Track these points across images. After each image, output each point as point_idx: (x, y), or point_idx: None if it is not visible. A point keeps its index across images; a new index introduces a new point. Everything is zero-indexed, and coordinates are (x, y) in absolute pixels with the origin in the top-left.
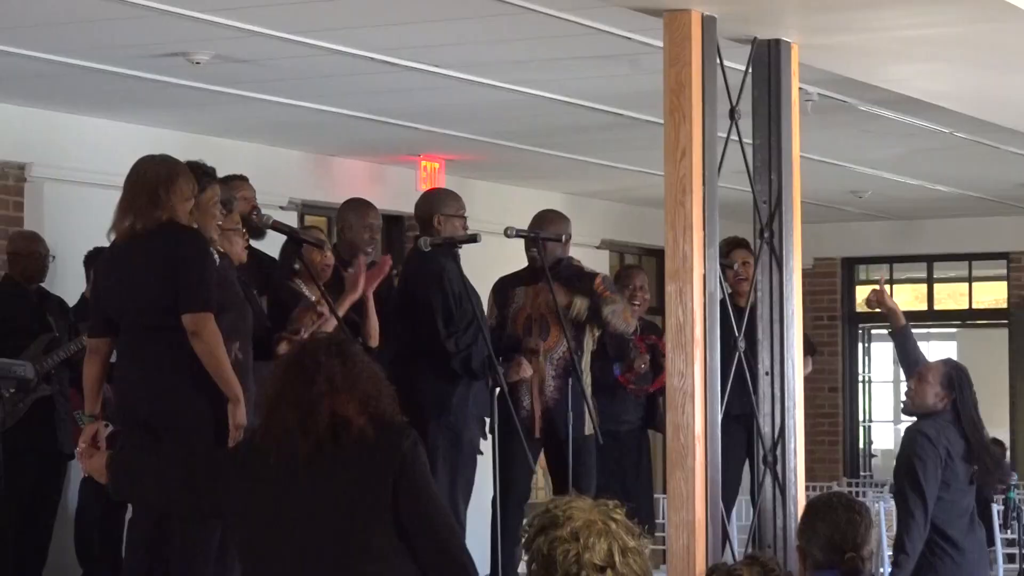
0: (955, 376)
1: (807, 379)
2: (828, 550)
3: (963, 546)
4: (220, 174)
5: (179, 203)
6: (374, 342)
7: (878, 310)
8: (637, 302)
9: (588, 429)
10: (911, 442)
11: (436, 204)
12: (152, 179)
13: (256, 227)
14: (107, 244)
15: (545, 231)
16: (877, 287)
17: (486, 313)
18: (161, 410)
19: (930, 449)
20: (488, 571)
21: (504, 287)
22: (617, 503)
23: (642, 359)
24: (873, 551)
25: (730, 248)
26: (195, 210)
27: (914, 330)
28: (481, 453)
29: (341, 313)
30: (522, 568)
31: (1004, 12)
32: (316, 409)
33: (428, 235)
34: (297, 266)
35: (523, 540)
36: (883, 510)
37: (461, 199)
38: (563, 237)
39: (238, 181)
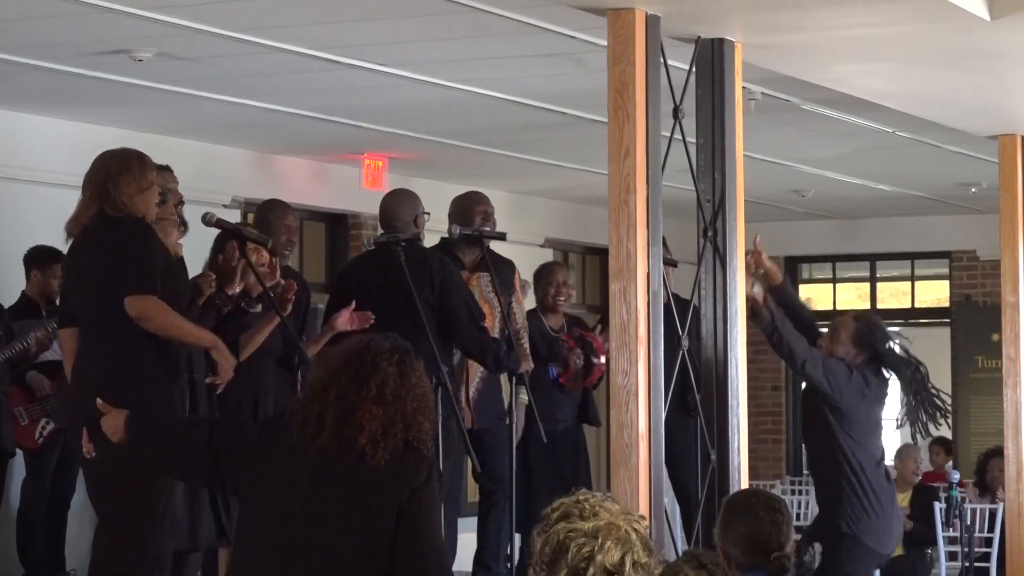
0: (866, 331)
1: (750, 377)
2: (750, 551)
3: (878, 490)
4: None
5: (132, 195)
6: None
7: (759, 272)
8: (562, 298)
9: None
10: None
11: (413, 204)
12: (101, 175)
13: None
14: (53, 241)
15: (464, 223)
16: (753, 248)
17: None
18: (89, 404)
19: (842, 369)
20: None
21: None
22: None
23: (575, 354)
24: (794, 546)
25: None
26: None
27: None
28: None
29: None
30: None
31: (944, 11)
32: (356, 410)
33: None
34: (235, 263)
35: (543, 522)
36: None
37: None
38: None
39: (167, 172)
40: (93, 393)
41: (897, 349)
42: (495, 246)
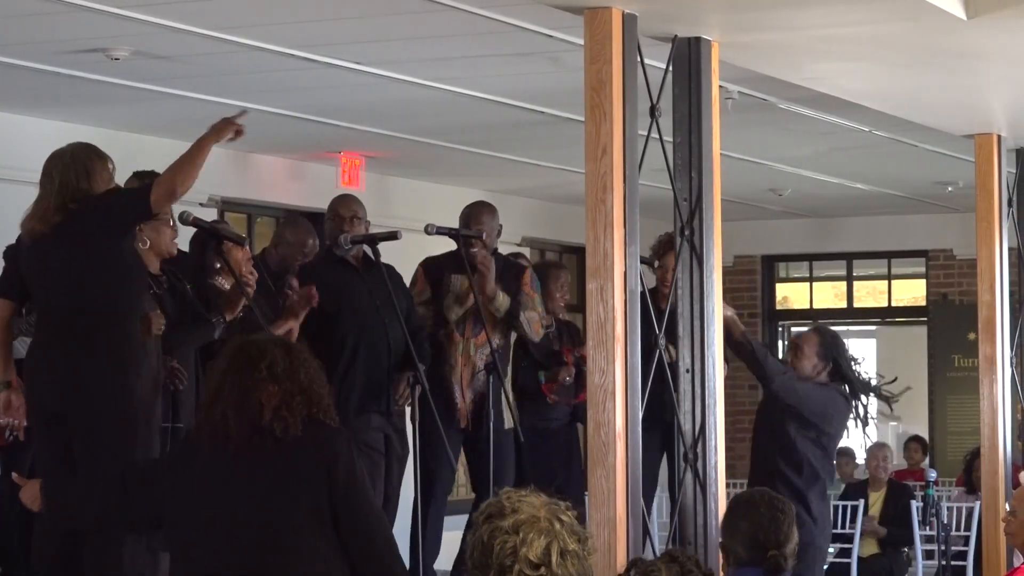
0: (829, 343)
1: (728, 377)
2: (751, 547)
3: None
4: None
5: (101, 188)
6: None
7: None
8: (562, 303)
9: (508, 423)
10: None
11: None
12: (71, 174)
13: None
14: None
15: (476, 226)
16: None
17: (418, 288)
18: (70, 398)
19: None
20: (408, 567)
21: (439, 268)
22: (569, 504)
23: (567, 371)
24: (796, 548)
25: (665, 251)
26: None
27: (834, 327)
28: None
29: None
30: (441, 565)
31: (921, 11)
32: (253, 394)
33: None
34: (219, 264)
35: (472, 527)
36: None
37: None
38: (483, 233)
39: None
40: (65, 388)
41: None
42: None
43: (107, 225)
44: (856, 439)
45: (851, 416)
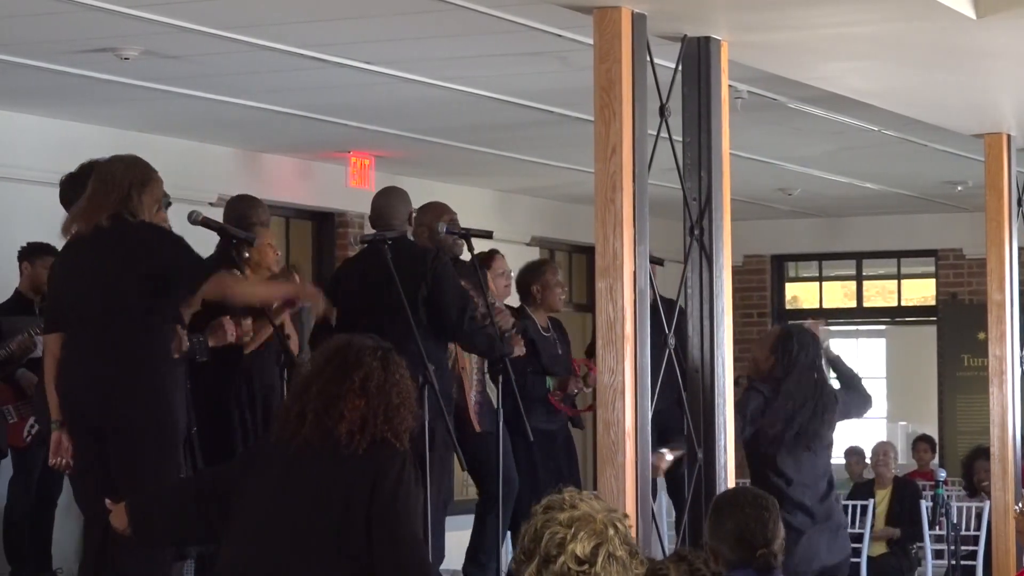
0: (782, 339)
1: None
2: (738, 548)
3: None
4: None
5: (148, 207)
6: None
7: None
8: (563, 297)
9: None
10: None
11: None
12: (125, 181)
13: None
14: (39, 239)
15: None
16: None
17: None
18: (111, 411)
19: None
20: None
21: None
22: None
23: (575, 382)
24: (783, 544)
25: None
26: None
27: (843, 327)
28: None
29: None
30: (449, 564)
31: (930, 10)
32: (339, 403)
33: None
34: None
35: (530, 517)
36: None
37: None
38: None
39: None
40: (104, 400)
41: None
42: (484, 244)
43: (153, 277)
44: (863, 437)
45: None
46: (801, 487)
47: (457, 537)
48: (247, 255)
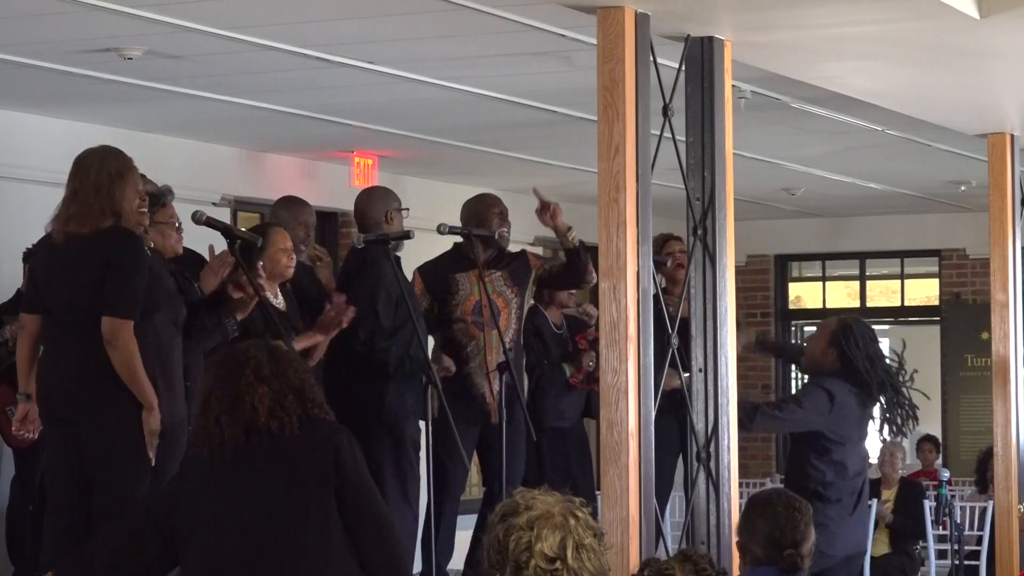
0: (839, 333)
1: (740, 376)
2: (768, 547)
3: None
4: (151, 171)
5: (127, 200)
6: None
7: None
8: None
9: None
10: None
11: (386, 200)
12: (101, 176)
13: None
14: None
15: (480, 225)
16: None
17: (417, 299)
18: (84, 405)
19: (820, 396)
20: (421, 570)
21: (439, 274)
22: (583, 500)
23: (589, 356)
24: (812, 548)
25: (664, 240)
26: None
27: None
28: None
29: (298, 347)
30: (455, 564)
31: (934, 10)
32: (245, 398)
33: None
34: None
35: (488, 529)
36: None
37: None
38: (496, 233)
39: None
40: (78, 395)
41: (885, 351)
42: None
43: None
44: (873, 439)
45: (858, 410)
46: (854, 474)
47: (462, 536)
48: (260, 262)
